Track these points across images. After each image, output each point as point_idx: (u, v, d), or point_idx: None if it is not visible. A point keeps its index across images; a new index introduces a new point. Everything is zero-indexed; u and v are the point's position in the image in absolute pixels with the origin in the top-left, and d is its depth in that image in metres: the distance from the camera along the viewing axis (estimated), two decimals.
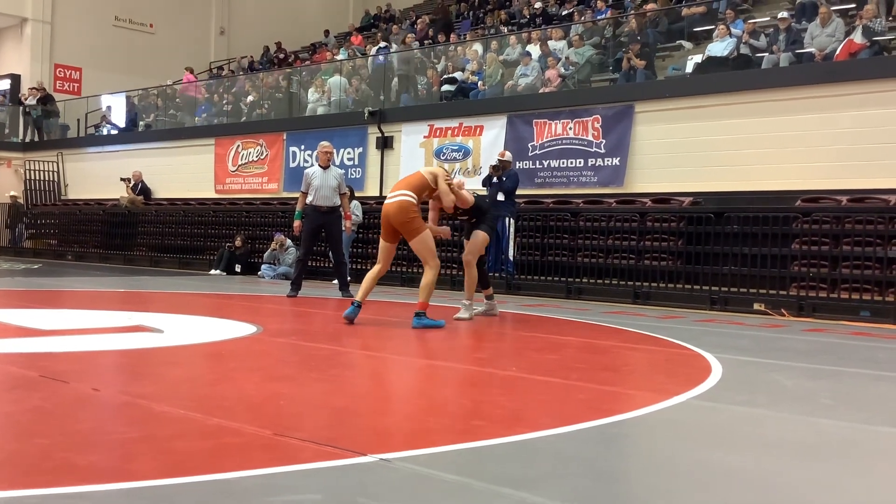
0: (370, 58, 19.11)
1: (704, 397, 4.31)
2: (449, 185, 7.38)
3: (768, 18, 13.78)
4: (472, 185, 13.88)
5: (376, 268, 7.25)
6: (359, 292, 7.17)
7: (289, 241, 14.08)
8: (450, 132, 15.01)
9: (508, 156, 12.63)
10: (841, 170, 10.73)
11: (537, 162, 13.77)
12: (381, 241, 7.25)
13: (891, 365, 6.30)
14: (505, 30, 18.82)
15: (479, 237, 7.98)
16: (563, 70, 14.33)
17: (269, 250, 14.66)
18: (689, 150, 12.06)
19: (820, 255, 9.92)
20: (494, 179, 12.20)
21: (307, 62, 23.08)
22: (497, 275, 12.27)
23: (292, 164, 17.45)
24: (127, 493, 2.46)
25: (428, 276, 7.03)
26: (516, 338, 7.28)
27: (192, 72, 23.61)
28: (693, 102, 12.30)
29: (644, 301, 10.85)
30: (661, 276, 11.07)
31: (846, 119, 10.83)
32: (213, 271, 15.36)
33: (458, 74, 15.69)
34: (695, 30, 14.39)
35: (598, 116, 13.11)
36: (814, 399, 4.53)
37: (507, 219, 12.04)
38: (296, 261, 11.13)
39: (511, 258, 12.10)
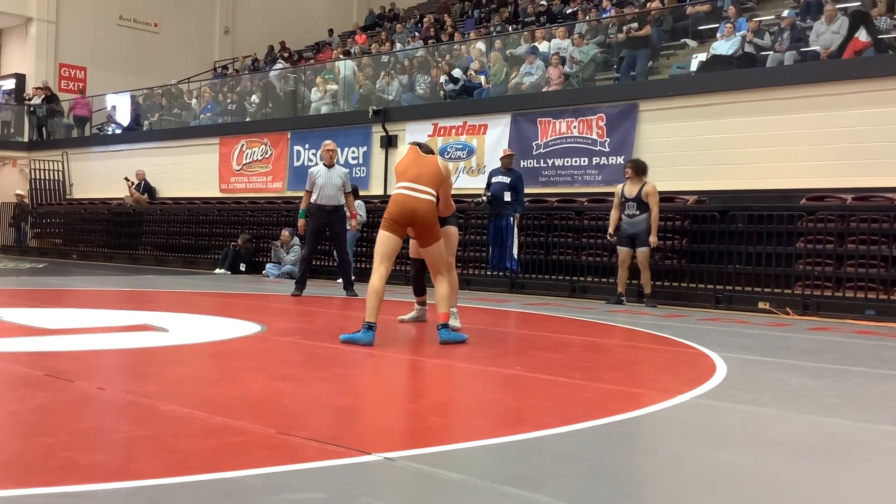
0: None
1: (709, 396, 4.30)
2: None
3: (773, 17, 13.75)
4: (477, 183, 13.91)
5: (380, 274, 6.00)
6: (370, 312, 5.88)
7: (296, 239, 14.07)
8: (454, 131, 15.01)
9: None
10: (846, 168, 10.70)
11: (541, 161, 13.76)
12: (390, 234, 6.04)
13: None
14: (510, 28, 18.82)
15: (454, 234, 7.08)
16: (567, 69, 14.32)
17: (273, 248, 14.66)
18: (694, 149, 12.04)
19: (825, 254, 9.89)
20: (500, 177, 12.27)
21: (311, 61, 23.09)
22: (501, 273, 12.31)
23: (296, 163, 17.46)
24: (131, 492, 2.46)
25: (444, 285, 6.16)
26: (520, 336, 7.27)
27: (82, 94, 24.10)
28: (697, 101, 12.27)
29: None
30: (666, 275, 11.05)
31: (851, 117, 10.80)
32: (217, 270, 15.37)
33: (456, 72, 15.67)
34: (699, 28, 14.37)
35: (603, 115, 13.10)
36: (819, 398, 4.52)
37: (510, 217, 12.07)
38: (300, 260, 11.14)
39: (515, 256, 12.12)
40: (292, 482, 2.63)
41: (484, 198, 12.31)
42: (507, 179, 12.18)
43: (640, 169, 10.28)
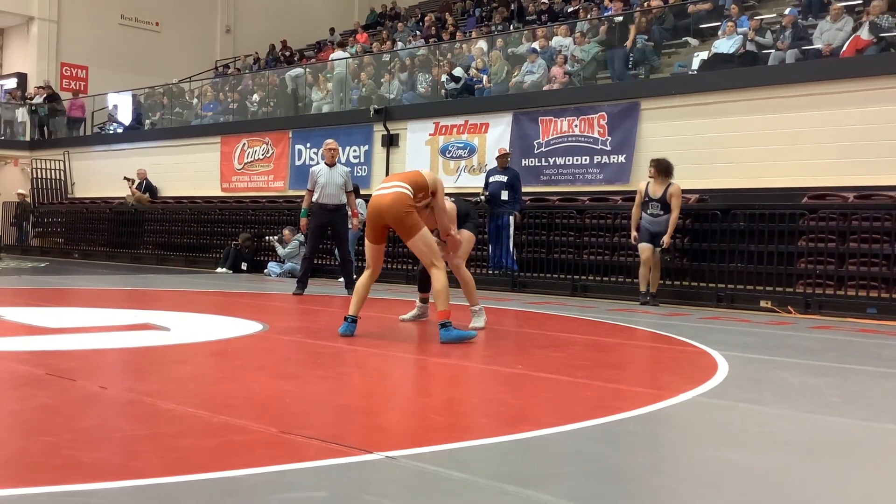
0: (373, 55, 19.10)
1: (711, 395, 4.30)
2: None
3: (774, 15, 13.74)
4: (479, 182, 13.91)
5: (367, 273, 6.38)
6: (352, 306, 6.28)
7: (300, 237, 14.05)
8: (455, 130, 15.00)
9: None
10: (847, 166, 10.69)
11: (543, 159, 13.75)
12: (368, 243, 6.38)
13: None
14: (511, 27, 18.81)
15: (466, 236, 7.24)
16: (568, 67, 14.32)
17: (277, 244, 14.65)
18: (695, 148, 12.02)
19: (826, 252, 9.89)
20: (497, 176, 12.28)
21: (313, 60, 23.10)
22: (502, 272, 12.31)
23: (298, 162, 17.47)
24: (132, 491, 2.46)
25: (440, 279, 6.05)
26: (522, 335, 7.27)
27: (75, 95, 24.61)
28: (699, 99, 12.27)
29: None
30: (667, 274, 11.04)
31: (853, 115, 10.79)
32: (219, 269, 15.37)
33: (457, 70, 15.67)
34: (701, 26, 14.36)
35: (604, 114, 13.09)
36: (820, 396, 4.52)
37: (508, 216, 12.08)
38: (302, 259, 11.15)
39: (513, 255, 12.12)
40: (294, 481, 2.63)
41: (482, 197, 12.32)
42: (504, 178, 12.19)
43: (663, 169, 10.08)
